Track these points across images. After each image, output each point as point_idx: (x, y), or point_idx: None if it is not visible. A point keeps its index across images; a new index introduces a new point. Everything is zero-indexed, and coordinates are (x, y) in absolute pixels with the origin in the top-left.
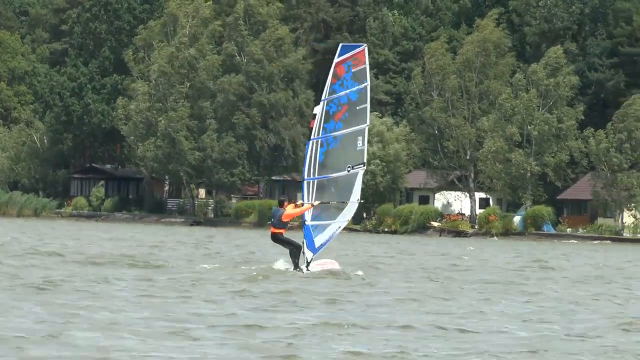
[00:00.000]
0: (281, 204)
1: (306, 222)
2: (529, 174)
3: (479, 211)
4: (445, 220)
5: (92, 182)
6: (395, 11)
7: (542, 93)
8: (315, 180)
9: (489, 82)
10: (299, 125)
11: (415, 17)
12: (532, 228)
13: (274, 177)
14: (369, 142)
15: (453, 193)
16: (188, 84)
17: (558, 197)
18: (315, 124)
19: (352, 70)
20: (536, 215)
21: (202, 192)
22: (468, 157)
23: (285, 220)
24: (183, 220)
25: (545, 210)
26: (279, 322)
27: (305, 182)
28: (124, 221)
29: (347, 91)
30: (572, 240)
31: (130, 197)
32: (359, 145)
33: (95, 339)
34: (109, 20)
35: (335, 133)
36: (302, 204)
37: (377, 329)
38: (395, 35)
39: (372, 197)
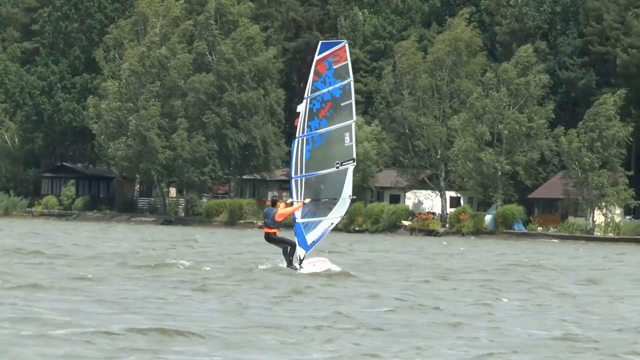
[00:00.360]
0: (274, 204)
1: (297, 220)
2: (499, 173)
3: (449, 210)
4: (416, 219)
5: (62, 180)
6: (366, 10)
7: (512, 92)
8: (304, 178)
9: (459, 81)
10: (270, 124)
11: (385, 16)
12: (503, 227)
13: (244, 176)
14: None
15: (424, 192)
16: (159, 83)
17: (529, 196)
18: (300, 122)
19: (334, 67)
20: (507, 214)
21: (172, 191)
22: (439, 156)
23: (278, 219)
24: (154, 219)
25: (516, 209)
26: None
27: (292, 180)
28: (94, 220)
29: (330, 88)
30: (554, 240)
31: (101, 196)
32: (346, 141)
33: None
34: (79, 19)
35: (320, 130)
36: (292, 203)
37: None
38: (366, 34)
39: None
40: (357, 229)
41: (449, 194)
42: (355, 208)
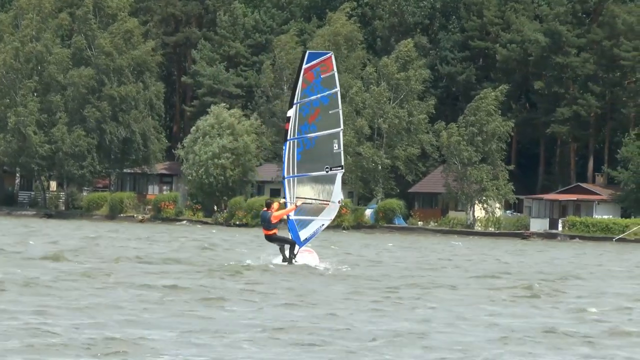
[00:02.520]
0: (268, 206)
1: (290, 217)
2: (379, 168)
3: None
4: None
5: None
6: (244, 5)
7: (393, 87)
8: (295, 178)
9: (339, 75)
10: (150, 118)
11: (266, 10)
12: (384, 221)
13: (125, 170)
14: (220, 135)
15: None
16: (37, 78)
17: (409, 191)
18: (290, 126)
19: (322, 76)
20: (387, 209)
21: (53, 185)
22: None
23: (274, 221)
24: (34, 212)
25: (397, 203)
26: None
27: (285, 180)
28: None
29: (319, 95)
30: (438, 235)
31: None
32: (335, 148)
33: None
34: None
35: (310, 134)
36: (285, 203)
37: None
38: (246, 28)
39: (222, 190)
40: (237, 223)
41: None
42: (236, 202)
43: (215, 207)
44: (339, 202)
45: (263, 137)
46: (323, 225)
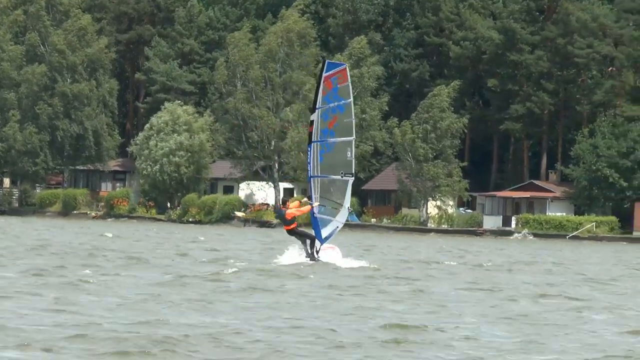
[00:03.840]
0: (284, 204)
1: (315, 215)
2: None
3: None
4: (249, 210)
5: None
6: (199, 2)
7: None
8: (318, 179)
9: (292, 73)
10: (103, 115)
11: (221, 7)
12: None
13: (78, 167)
14: (176, 131)
15: (257, 183)
16: None
17: (362, 188)
18: (314, 129)
19: (338, 86)
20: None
21: (6, 182)
22: (272, 148)
23: (288, 218)
24: None
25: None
26: None
27: (311, 179)
28: None
29: (336, 104)
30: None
31: None
32: (348, 156)
33: None
34: None
35: (330, 139)
36: (310, 199)
37: None
38: (200, 25)
39: (176, 187)
40: (190, 220)
41: (283, 185)
42: (189, 199)
43: (169, 204)
44: (348, 208)
45: (216, 134)
46: (337, 227)
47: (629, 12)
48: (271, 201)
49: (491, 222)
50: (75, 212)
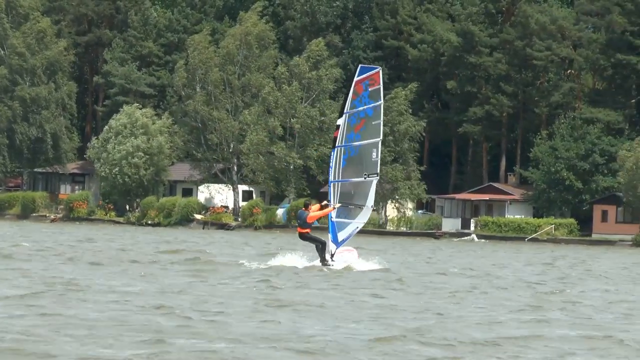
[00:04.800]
0: (306, 207)
1: (332, 219)
2: (292, 167)
3: (242, 204)
4: (208, 212)
5: None
6: (158, 6)
7: (304, 86)
8: (339, 183)
9: (251, 75)
10: (62, 117)
11: (180, 10)
12: (296, 221)
13: (37, 169)
14: (133, 134)
15: (216, 186)
16: None
17: (321, 190)
18: (339, 134)
19: (369, 89)
20: (300, 208)
21: None
22: (231, 150)
23: (310, 221)
24: None
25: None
26: None
27: (331, 184)
28: None
29: (365, 107)
30: None
31: None
32: (373, 156)
33: None
34: None
35: (355, 143)
36: (327, 205)
37: None
38: (158, 27)
39: (135, 190)
40: (149, 222)
41: (242, 187)
42: (148, 202)
43: (128, 207)
44: (371, 207)
45: (175, 137)
46: (357, 227)
47: (588, 14)
48: (230, 203)
49: (450, 224)
50: (34, 214)
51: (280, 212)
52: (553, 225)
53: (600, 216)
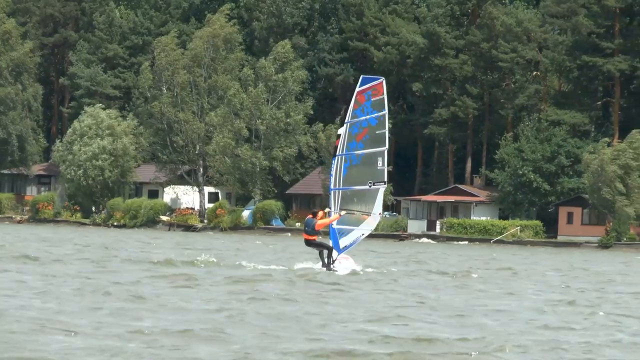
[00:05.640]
0: (314, 215)
1: (333, 225)
2: (257, 169)
3: (208, 205)
4: (174, 214)
5: None
6: (123, 7)
7: (270, 88)
8: (340, 191)
9: (217, 77)
10: (28, 119)
11: (144, 12)
12: (262, 222)
13: (2, 171)
14: (98, 136)
15: (182, 187)
16: None
17: (287, 192)
18: (340, 143)
19: (372, 99)
20: (265, 210)
21: None
22: (197, 152)
23: (318, 229)
24: None
25: (275, 204)
26: None
27: (332, 192)
28: None
29: (368, 117)
30: None
31: None
32: (379, 165)
33: None
34: None
35: (357, 152)
36: (329, 212)
37: None
38: (124, 29)
39: (101, 191)
40: (115, 224)
41: (208, 189)
42: (114, 203)
43: (94, 209)
44: (379, 214)
45: (141, 138)
46: (363, 234)
47: (553, 16)
48: (196, 205)
49: (416, 226)
50: (0, 215)
51: (246, 213)
52: (519, 227)
53: (565, 218)
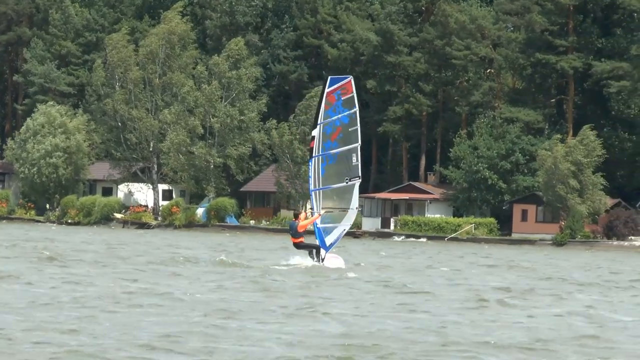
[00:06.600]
0: (296, 217)
1: (318, 225)
2: (211, 166)
3: (162, 203)
4: (128, 212)
5: None
6: (77, 4)
7: (224, 85)
8: (321, 191)
9: (171, 74)
10: None
11: (97, 9)
12: (216, 220)
13: None
14: (51, 133)
15: (136, 185)
16: None
17: (241, 189)
18: (315, 144)
19: (342, 98)
20: (219, 207)
21: None
22: (151, 149)
23: (301, 230)
24: None
25: (229, 202)
26: None
27: (312, 192)
28: None
29: (340, 116)
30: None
31: None
32: (353, 161)
33: None
34: None
35: (333, 151)
36: (312, 212)
37: None
38: (77, 26)
39: (54, 189)
40: (69, 221)
41: (162, 187)
42: (68, 201)
43: (48, 206)
44: (356, 208)
45: (94, 135)
46: (344, 230)
47: (507, 13)
48: (150, 203)
49: (370, 223)
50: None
51: (200, 211)
52: (473, 225)
53: (520, 215)
